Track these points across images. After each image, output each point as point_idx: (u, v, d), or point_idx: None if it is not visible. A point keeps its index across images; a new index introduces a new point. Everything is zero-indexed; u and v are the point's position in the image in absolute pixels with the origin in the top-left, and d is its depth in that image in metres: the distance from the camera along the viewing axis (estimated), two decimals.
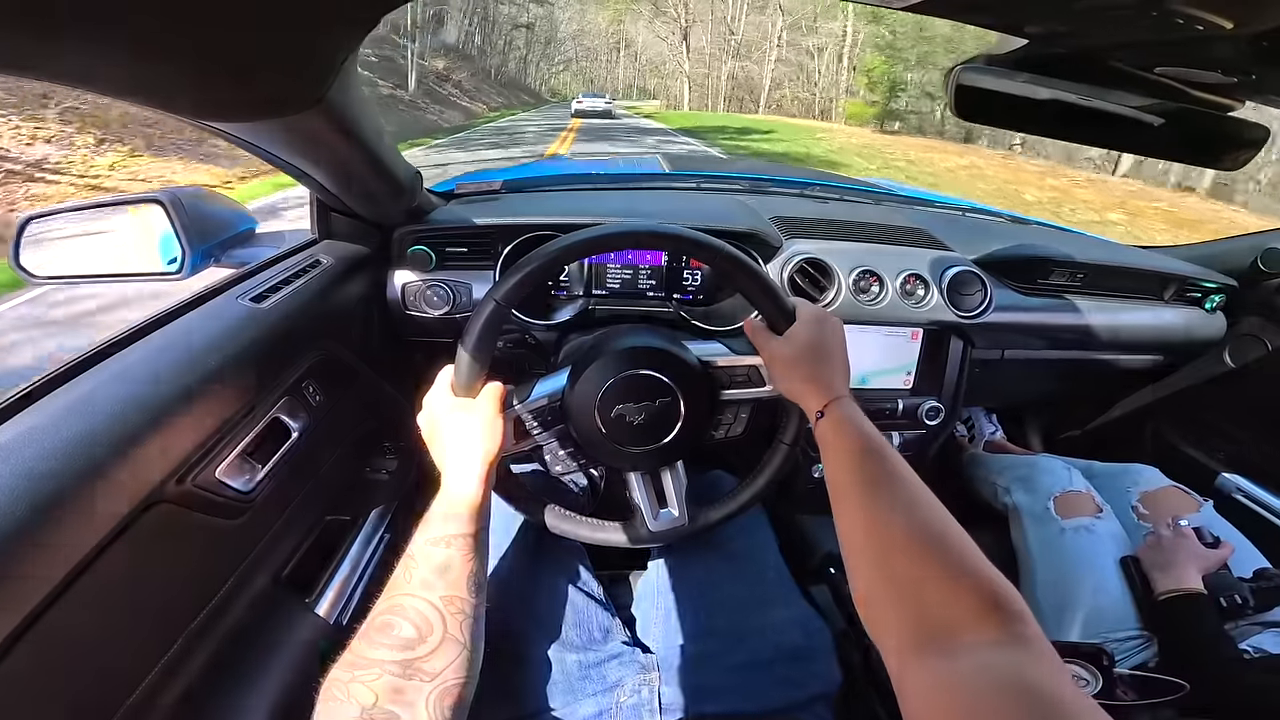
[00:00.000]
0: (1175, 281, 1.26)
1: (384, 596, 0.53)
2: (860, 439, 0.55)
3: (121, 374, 0.59)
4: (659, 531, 0.77)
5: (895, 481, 0.50)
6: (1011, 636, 0.37)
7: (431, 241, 0.97)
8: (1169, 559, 0.92)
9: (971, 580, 0.41)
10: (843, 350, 0.66)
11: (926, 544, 0.44)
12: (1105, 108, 0.57)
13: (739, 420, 0.77)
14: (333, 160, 0.70)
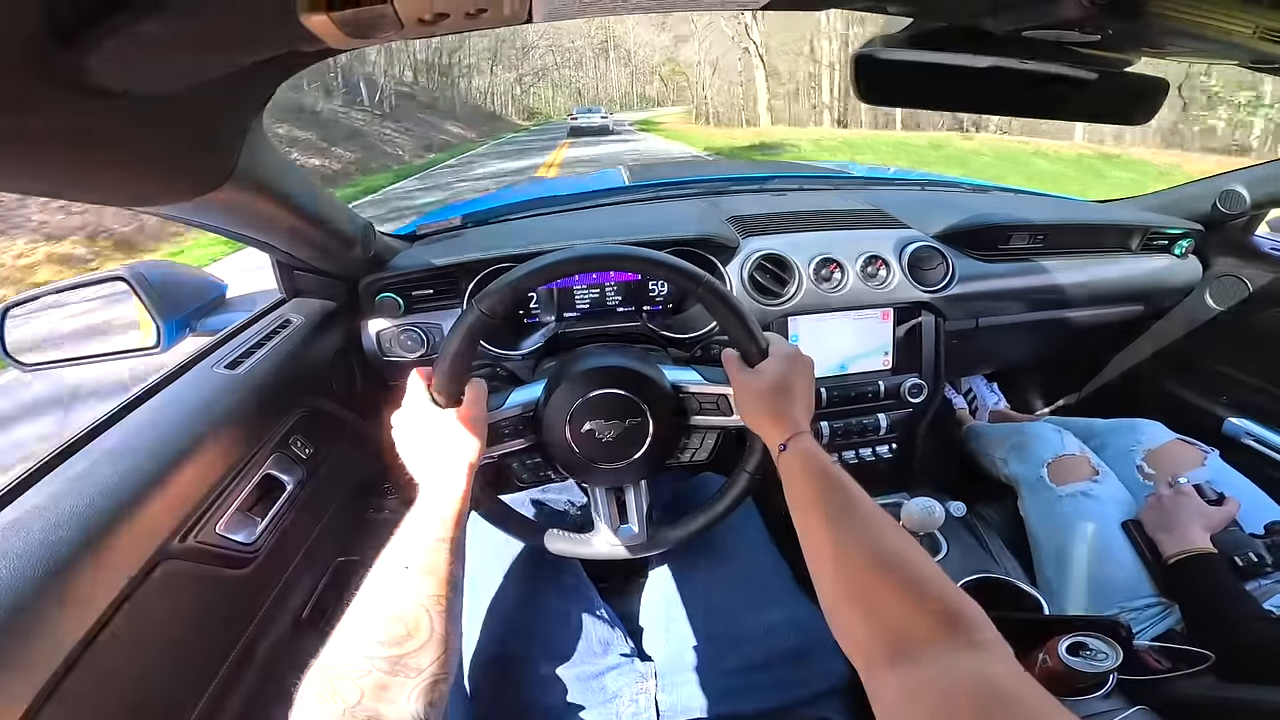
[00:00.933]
0: (1139, 232, 1.26)
1: (367, 594, 0.54)
2: (821, 470, 0.58)
3: (110, 451, 0.63)
4: (616, 545, 0.78)
5: (855, 509, 0.53)
6: (971, 643, 0.40)
7: (397, 287, 1.00)
8: (1171, 520, 0.90)
9: (930, 595, 0.44)
10: (809, 388, 0.67)
11: (886, 564, 0.47)
12: (1004, 73, 0.58)
13: (705, 446, 0.78)
14: (268, 225, 0.72)
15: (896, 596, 0.45)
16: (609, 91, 58.51)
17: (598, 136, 23.17)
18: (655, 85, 57.93)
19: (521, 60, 53.67)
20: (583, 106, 30.18)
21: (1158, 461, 1.08)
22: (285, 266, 0.92)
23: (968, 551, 1.04)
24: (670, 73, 51.34)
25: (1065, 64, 0.58)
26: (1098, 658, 0.74)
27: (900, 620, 0.43)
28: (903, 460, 1.24)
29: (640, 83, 60.02)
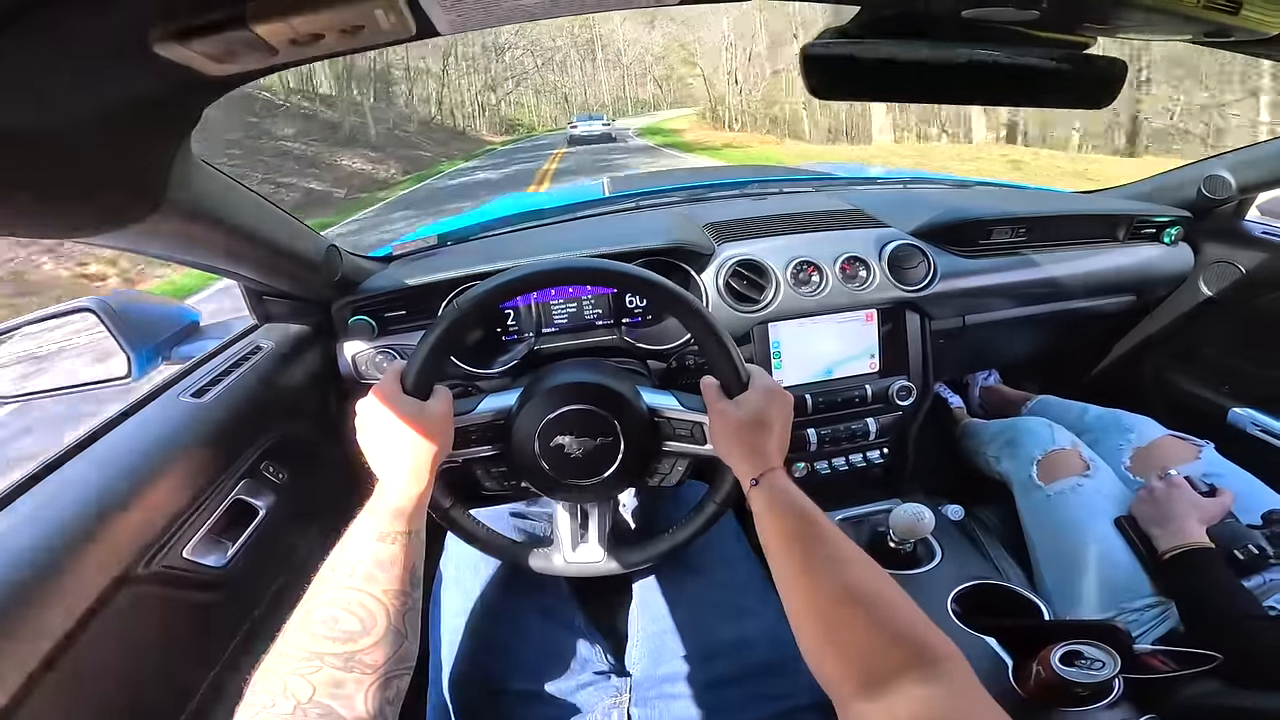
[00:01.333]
0: (1124, 221, 1.24)
1: (321, 588, 0.53)
2: (793, 506, 0.58)
3: (72, 481, 0.63)
4: (573, 563, 0.77)
5: (826, 544, 0.54)
6: (938, 675, 0.42)
7: (370, 310, 0.99)
8: (1164, 513, 0.87)
9: (900, 629, 0.46)
10: (786, 426, 0.67)
11: (855, 599, 0.49)
12: (956, 60, 0.57)
13: (675, 472, 0.77)
14: (215, 251, 0.72)
15: (866, 631, 0.46)
16: (599, 96, 53.72)
17: (600, 145, 22.03)
18: (649, 88, 54.73)
19: (492, 63, 46.77)
20: (583, 114, 28.86)
21: (1146, 459, 1.04)
22: (253, 293, 0.92)
23: (964, 557, 1.01)
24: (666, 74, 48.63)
25: (1019, 49, 0.57)
26: (1094, 666, 0.70)
27: (870, 654, 0.45)
28: (896, 465, 1.22)
29: (633, 86, 55.74)
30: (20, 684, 0.49)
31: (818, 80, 0.57)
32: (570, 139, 23.01)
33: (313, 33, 0.35)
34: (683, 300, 0.67)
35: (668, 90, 51.78)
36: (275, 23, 0.33)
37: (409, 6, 0.37)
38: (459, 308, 0.64)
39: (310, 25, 0.34)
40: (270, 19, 0.33)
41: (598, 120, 25.10)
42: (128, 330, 0.80)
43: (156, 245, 0.63)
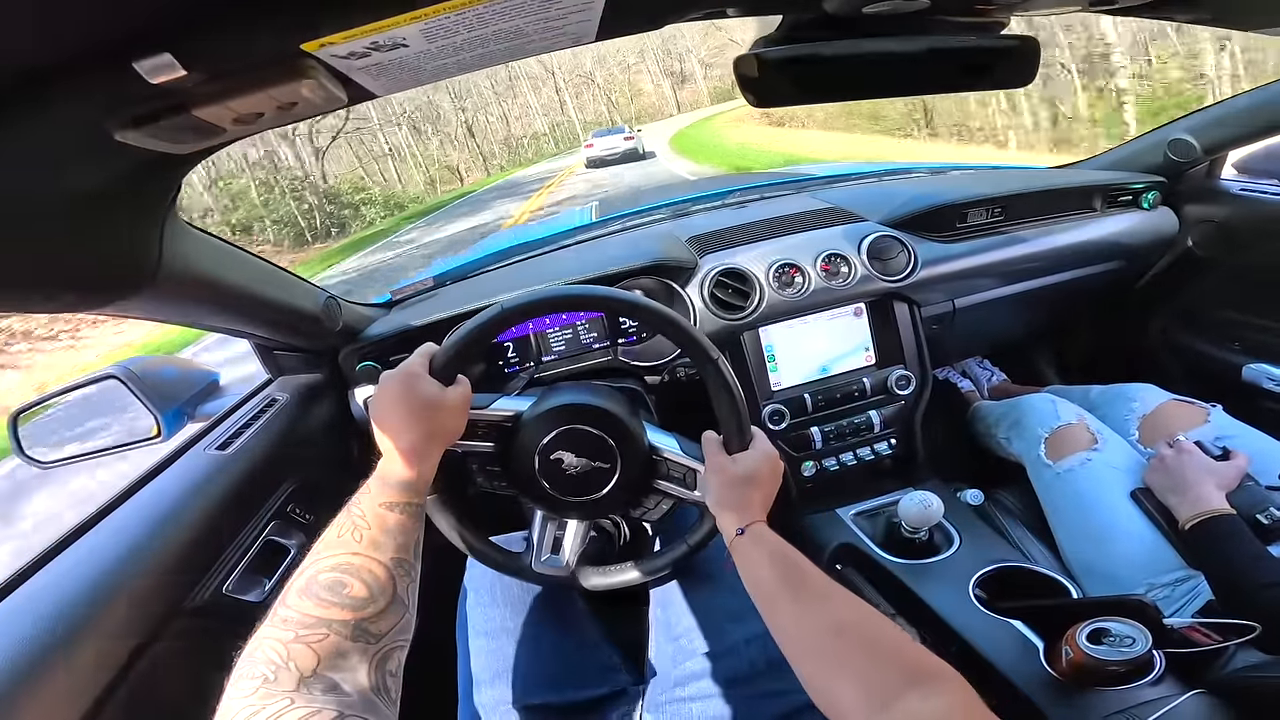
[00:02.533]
0: (1099, 191, 1.25)
1: (326, 554, 0.52)
2: (777, 552, 0.61)
3: (113, 532, 0.68)
4: (540, 571, 0.79)
5: (812, 584, 0.57)
6: (938, 691, 0.44)
7: (375, 355, 1.04)
8: (1179, 481, 0.84)
9: (892, 654, 0.49)
10: (775, 488, 0.71)
11: (850, 630, 0.51)
12: (881, 53, 0.60)
13: (659, 508, 0.79)
14: (215, 312, 0.77)
15: (863, 657, 0.49)
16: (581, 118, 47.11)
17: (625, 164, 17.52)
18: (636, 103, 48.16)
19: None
20: (600, 129, 22.21)
21: (1154, 427, 1.01)
22: (263, 349, 0.98)
23: (984, 540, 0.99)
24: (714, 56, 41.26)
25: (939, 37, 0.59)
26: (1124, 643, 0.68)
27: (870, 679, 0.47)
28: (907, 455, 1.21)
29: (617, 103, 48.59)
30: (83, 714, 0.53)
31: (755, 90, 0.60)
32: (588, 162, 18.64)
33: (252, 112, 0.39)
34: (710, 359, 0.70)
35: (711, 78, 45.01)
36: (214, 107, 0.37)
37: (335, 79, 0.41)
38: (503, 308, 0.67)
39: (248, 106, 0.38)
40: (208, 104, 0.37)
41: (618, 134, 19.20)
42: (152, 393, 0.86)
43: (160, 312, 0.68)
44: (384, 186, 27.33)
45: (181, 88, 0.35)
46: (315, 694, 0.42)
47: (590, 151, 18.53)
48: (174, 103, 0.36)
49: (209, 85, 0.36)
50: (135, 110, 0.36)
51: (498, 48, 0.46)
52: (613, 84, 49.88)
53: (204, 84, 0.36)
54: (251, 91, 0.37)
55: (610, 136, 18.76)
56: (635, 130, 20.39)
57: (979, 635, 0.81)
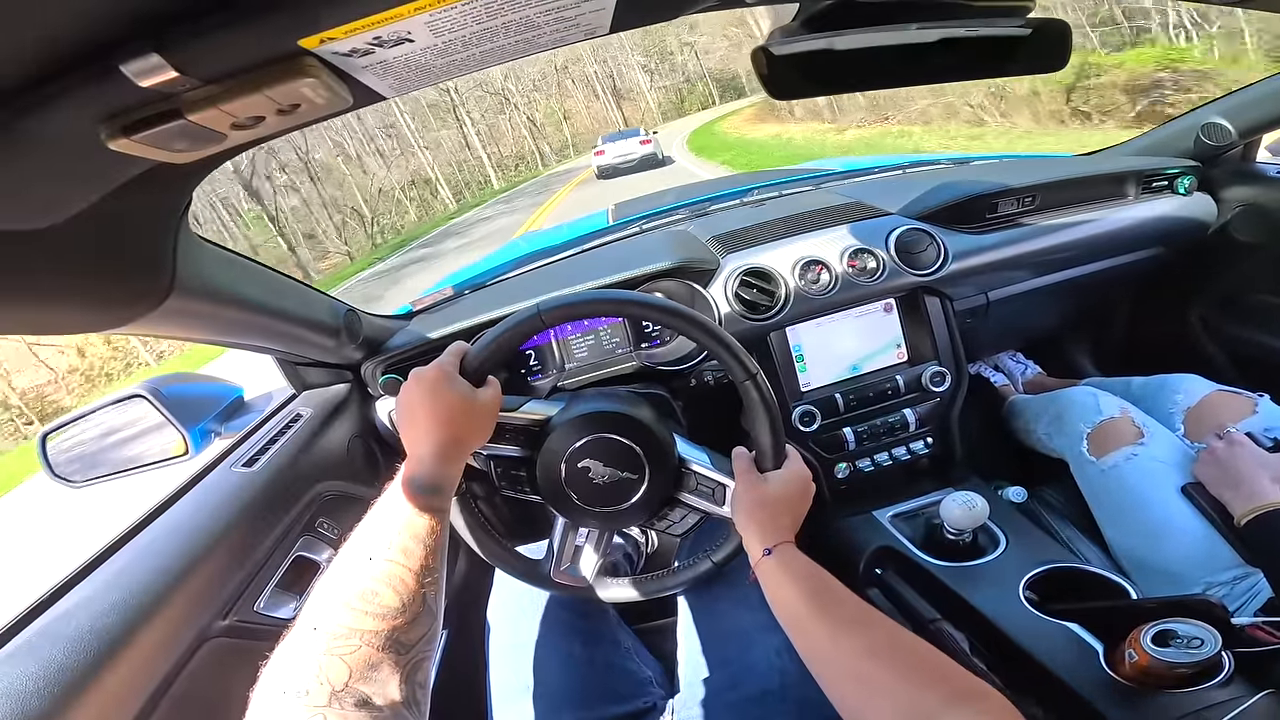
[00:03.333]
0: (1133, 177, 1.21)
1: (355, 562, 0.51)
2: (806, 573, 0.60)
3: (146, 548, 0.68)
4: (559, 581, 0.78)
5: (843, 604, 0.56)
6: (976, 713, 0.43)
7: (398, 366, 1.03)
8: (1232, 474, 0.80)
9: (934, 673, 0.48)
10: (804, 510, 0.69)
11: (881, 652, 0.50)
12: (903, 42, 0.57)
13: (684, 522, 0.78)
14: (233, 328, 0.76)
15: (902, 679, 0.47)
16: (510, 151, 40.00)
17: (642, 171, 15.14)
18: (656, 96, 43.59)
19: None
20: (610, 134, 18.65)
21: (1200, 419, 0.97)
22: (286, 363, 0.98)
23: (1032, 541, 0.94)
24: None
25: (962, 22, 0.56)
26: (1192, 644, 0.64)
27: (909, 700, 0.46)
28: (944, 453, 1.16)
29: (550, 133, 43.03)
30: None
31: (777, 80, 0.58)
32: (599, 172, 16.32)
33: (252, 116, 0.37)
34: (750, 374, 0.69)
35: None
36: (210, 111, 0.35)
37: (340, 79, 0.39)
38: (539, 309, 0.67)
39: (246, 110, 0.36)
40: (205, 108, 0.35)
41: (633, 137, 16.36)
42: (179, 411, 0.86)
43: (178, 329, 0.67)
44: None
45: (174, 91, 0.34)
46: (348, 709, 0.41)
47: (601, 159, 16.20)
48: (167, 108, 0.34)
49: (203, 88, 0.34)
50: (127, 117, 0.34)
51: (507, 41, 0.44)
52: (534, 106, 40.91)
53: (197, 87, 0.34)
54: (249, 93, 0.35)
55: (623, 141, 16.23)
56: (651, 132, 17.65)
57: (1033, 639, 0.77)
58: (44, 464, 0.84)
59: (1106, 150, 1.45)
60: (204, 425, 0.92)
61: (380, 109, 26.79)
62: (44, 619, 0.58)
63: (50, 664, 0.51)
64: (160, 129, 0.35)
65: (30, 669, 0.50)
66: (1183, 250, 1.28)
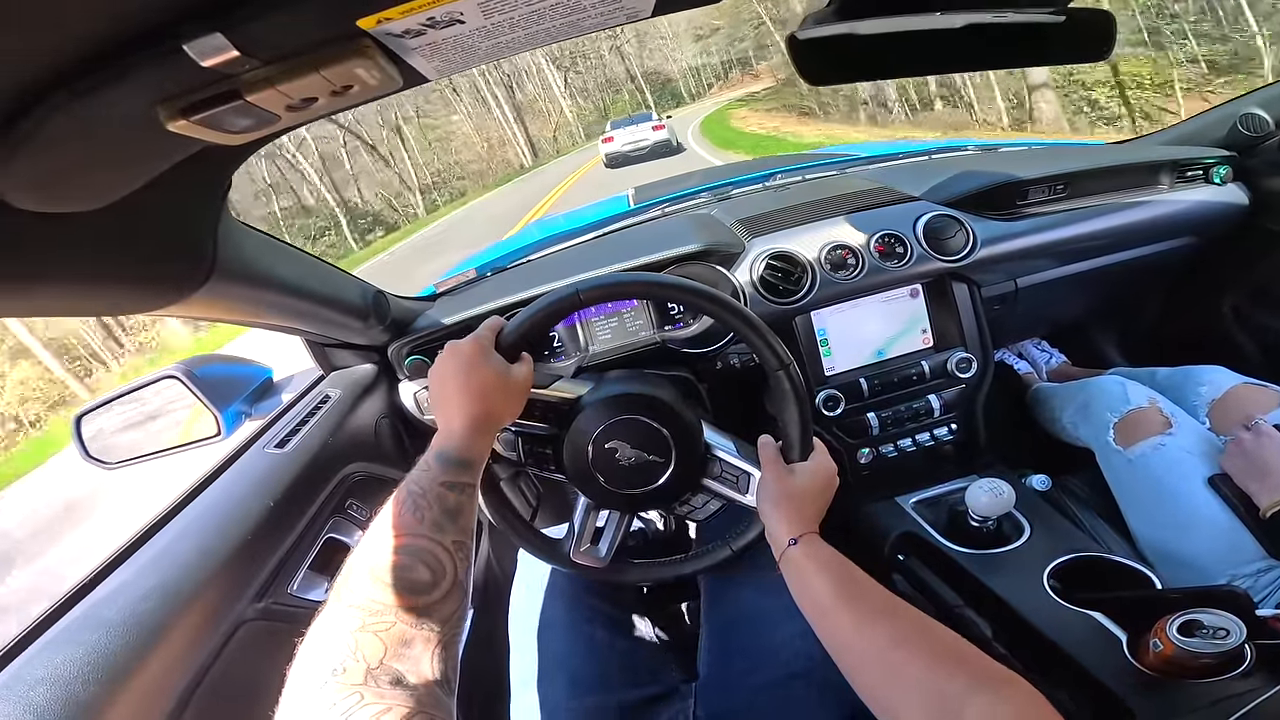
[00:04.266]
0: (1167, 167, 1.19)
1: (387, 535, 0.50)
2: (835, 561, 0.60)
3: (181, 533, 0.69)
4: (578, 561, 0.78)
5: (872, 594, 0.56)
6: (1004, 698, 0.43)
7: (424, 348, 1.04)
8: (1259, 466, 0.80)
9: (959, 660, 0.48)
10: (828, 501, 0.70)
11: (910, 641, 0.50)
12: (943, 28, 0.56)
13: (705, 508, 0.78)
14: (269, 310, 0.76)
15: (927, 666, 0.47)
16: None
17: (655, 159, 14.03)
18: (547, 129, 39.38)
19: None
20: (619, 119, 17.31)
21: (1225, 411, 0.96)
22: (315, 345, 0.98)
23: (1056, 529, 0.94)
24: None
25: (1004, 9, 0.55)
26: (1218, 635, 0.64)
27: (934, 687, 0.46)
28: (968, 440, 1.16)
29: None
30: (162, 715, 0.53)
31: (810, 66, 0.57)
32: (607, 160, 15.13)
33: (305, 97, 0.37)
34: (783, 364, 0.69)
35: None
36: (267, 92, 0.35)
37: (391, 61, 0.39)
38: (578, 289, 0.67)
39: (301, 90, 0.36)
40: (262, 89, 0.35)
41: (645, 122, 15.14)
42: (210, 392, 0.87)
43: (218, 310, 0.68)
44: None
45: (233, 72, 0.34)
46: (384, 687, 0.40)
47: (609, 147, 15.00)
48: (227, 89, 0.34)
49: (262, 68, 0.34)
50: (187, 99, 0.35)
51: (553, 24, 0.43)
52: (426, 136, 34.53)
53: (257, 68, 0.34)
54: (306, 74, 0.35)
55: (634, 126, 15.02)
56: (665, 116, 16.28)
57: (1056, 628, 0.77)
58: (78, 446, 0.85)
59: (1140, 139, 1.43)
60: (235, 406, 0.93)
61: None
62: (85, 603, 0.59)
63: (94, 649, 0.52)
64: (219, 110, 0.35)
65: (75, 654, 0.51)
66: (1215, 240, 1.26)
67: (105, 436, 0.86)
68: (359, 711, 0.37)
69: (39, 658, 0.52)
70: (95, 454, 0.86)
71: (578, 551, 0.79)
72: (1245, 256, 1.28)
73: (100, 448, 0.86)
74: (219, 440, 0.90)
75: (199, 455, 0.90)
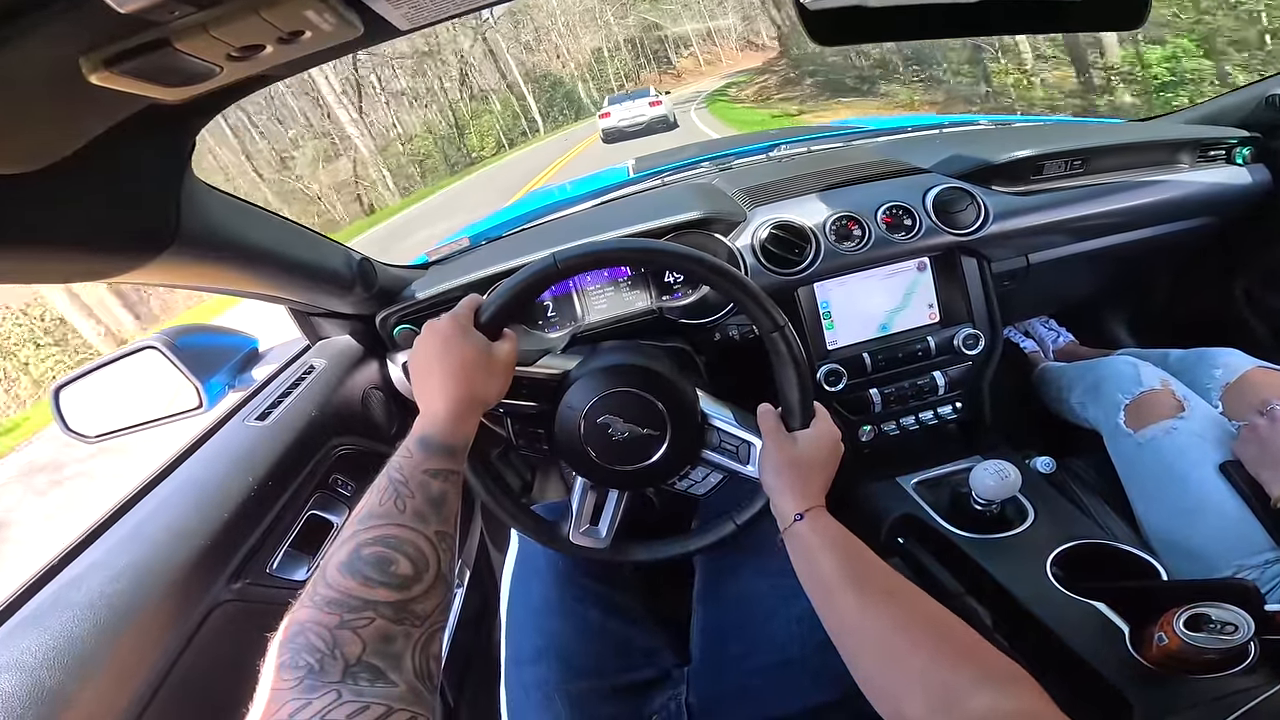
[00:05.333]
0: (1189, 145, 1.15)
1: (368, 524, 0.48)
2: (842, 538, 0.58)
3: (156, 509, 0.67)
4: (576, 543, 0.76)
5: (880, 575, 0.54)
6: (1009, 694, 0.42)
7: (414, 317, 1.01)
8: (1273, 453, 0.77)
9: (965, 651, 0.46)
10: (834, 470, 0.67)
11: (918, 625, 0.49)
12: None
13: (705, 482, 0.75)
14: (246, 277, 0.73)
15: (931, 654, 0.46)
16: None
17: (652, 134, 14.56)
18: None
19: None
20: (616, 95, 17.77)
21: (1239, 395, 0.92)
22: (299, 314, 0.95)
23: (1061, 514, 0.92)
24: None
25: None
26: (1225, 630, 0.62)
27: (937, 676, 0.44)
28: (973, 419, 1.13)
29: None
30: (132, 701, 0.52)
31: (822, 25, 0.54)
32: (604, 135, 15.56)
33: (247, 44, 0.33)
34: (777, 325, 0.66)
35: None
36: (201, 39, 0.31)
37: (348, 4, 0.35)
38: (555, 259, 0.64)
39: (241, 36, 0.32)
40: (194, 35, 0.31)
41: (641, 98, 15.45)
42: (192, 363, 0.84)
43: (183, 278, 0.65)
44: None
45: (160, 19, 0.30)
46: (362, 685, 0.39)
47: (606, 122, 15.27)
48: (153, 37, 0.31)
49: (193, 14, 0.30)
50: (109, 49, 0.31)
51: None
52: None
53: (188, 13, 0.30)
54: (243, 16, 0.31)
55: (631, 102, 15.26)
56: (664, 93, 16.18)
57: (1057, 617, 0.76)
58: (57, 418, 0.83)
59: (1162, 117, 1.38)
60: (218, 378, 0.90)
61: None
62: (54, 585, 0.57)
63: (61, 634, 0.50)
64: (145, 59, 0.31)
65: (41, 640, 0.49)
66: (1233, 220, 1.22)
67: (85, 408, 0.84)
68: (335, 711, 0.36)
69: (2, 644, 0.50)
70: (75, 427, 0.84)
71: (577, 533, 0.77)
72: (1263, 238, 1.25)
73: (80, 420, 0.84)
74: (201, 413, 0.88)
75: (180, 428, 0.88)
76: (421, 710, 0.39)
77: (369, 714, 0.36)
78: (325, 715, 0.35)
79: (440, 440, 0.55)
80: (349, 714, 0.35)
